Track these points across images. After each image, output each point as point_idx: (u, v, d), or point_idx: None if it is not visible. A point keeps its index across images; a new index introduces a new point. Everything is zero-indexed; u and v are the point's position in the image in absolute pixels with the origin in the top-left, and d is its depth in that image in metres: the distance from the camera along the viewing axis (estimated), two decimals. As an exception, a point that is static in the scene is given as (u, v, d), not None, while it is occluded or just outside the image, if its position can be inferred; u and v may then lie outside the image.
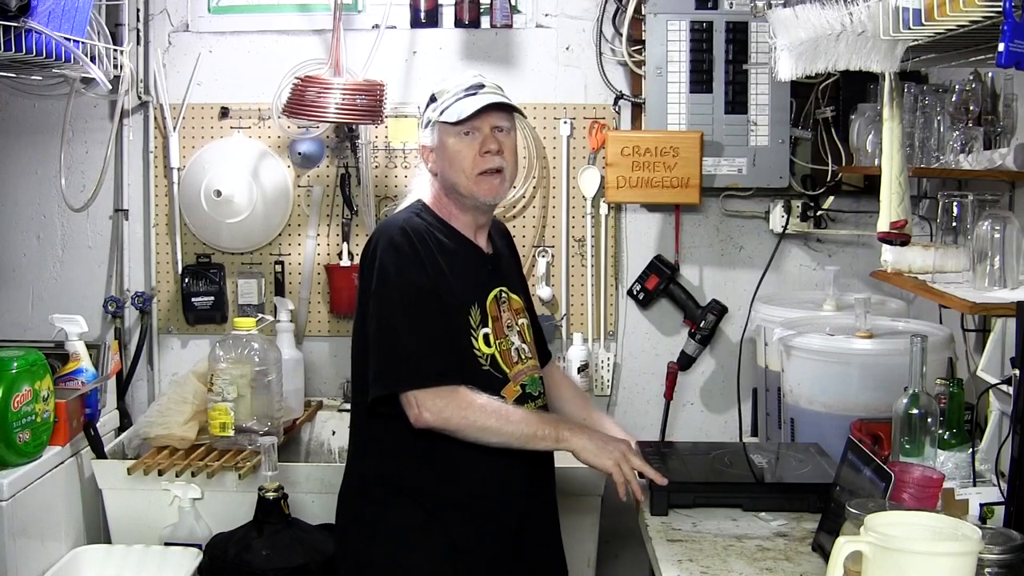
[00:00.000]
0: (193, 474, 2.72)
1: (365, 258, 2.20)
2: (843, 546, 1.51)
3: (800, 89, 3.08)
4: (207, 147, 3.26)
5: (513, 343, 2.25)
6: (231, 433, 2.81)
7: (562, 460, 2.78)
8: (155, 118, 3.28)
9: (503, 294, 2.27)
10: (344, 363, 2.97)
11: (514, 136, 2.26)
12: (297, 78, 2.99)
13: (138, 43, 3.22)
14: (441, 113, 2.20)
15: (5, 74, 2.89)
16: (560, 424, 2.19)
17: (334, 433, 3.22)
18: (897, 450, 2.11)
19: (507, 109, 2.21)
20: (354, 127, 3.20)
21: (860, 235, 3.20)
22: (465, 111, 2.17)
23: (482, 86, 2.22)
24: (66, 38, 2.62)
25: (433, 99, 2.24)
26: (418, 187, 2.33)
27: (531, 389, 2.26)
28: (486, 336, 2.18)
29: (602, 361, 3.29)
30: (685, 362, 3.24)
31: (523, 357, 2.27)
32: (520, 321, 2.30)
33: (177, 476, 2.72)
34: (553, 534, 2.35)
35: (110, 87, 3.01)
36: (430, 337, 2.11)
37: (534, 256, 3.26)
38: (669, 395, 3.23)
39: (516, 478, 2.20)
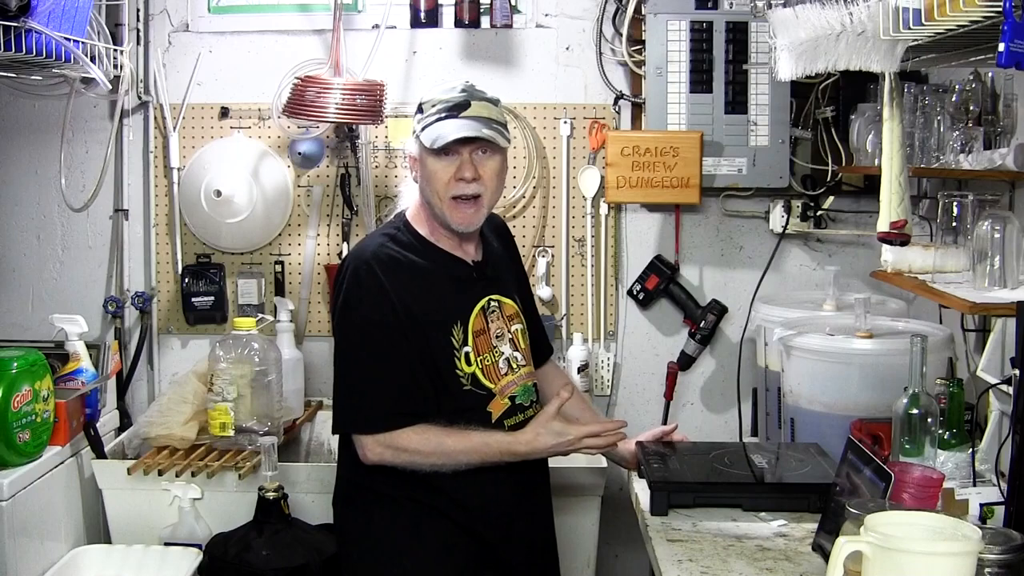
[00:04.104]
0: (193, 474, 2.72)
1: (338, 279, 2.19)
2: (843, 546, 1.51)
3: (800, 89, 3.08)
4: (207, 147, 3.26)
5: (503, 353, 2.21)
6: (231, 433, 2.81)
7: (561, 460, 2.78)
8: (155, 118, 3.28)
9: (492, 303, 2.23)
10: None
11: (499, 157, 2.16)
12: (297, 78, 2.99)
13: (138, 43, 3.22)
14: (422, 130, 2.12)
15: (5, 74, 2.89)
16: (503, 445, 2.14)
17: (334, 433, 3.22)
18: (897, 450, 2.11)
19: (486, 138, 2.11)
20: (354, 127, 3.20)
21: (860, 235, 3.20)
22: (441, 137, 2.07)
23: (468, 104, 2.11)
24: (66, 38, 2.62)
25: (420, 109, 2.17)
26: (406, 194, 2.31)
27: (522, 399, 2.24)
28: (467, 355, 2.16)
29: (602, 361, 3.29)
30: (685, 362, 3.24)
31: (514, 367, 2.23)
32: (514, 327, 2.26)
33: (177, 476, 2.72)
34: (546, 537, 2.33)
35: (110, 87, 3.01)
36: (383, 378, 2.10)
37: (534, 256, 3.26)
38: (669, 395, 3.23)
39: (502, 484, 2.19)
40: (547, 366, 2.51)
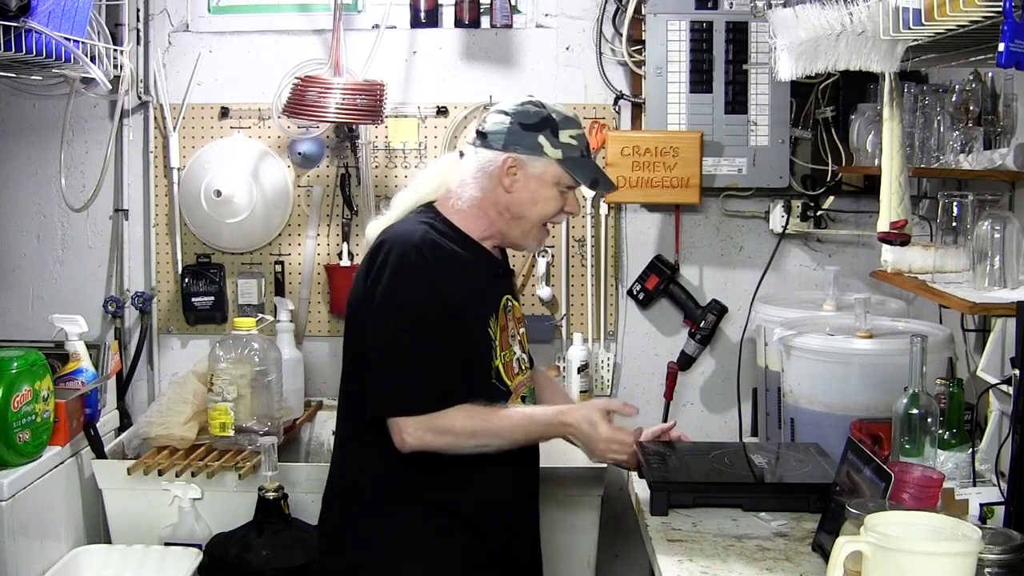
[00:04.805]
0: (193, 474, 2.72)
1: (371, 265, 2.09)
2: (843, 546, 1.51)
3: (800, 89, 3.08)
4: (207, 147, 3.26)
5: (515, 353, 2.21)
6: (231, 433, 2.81)
7: (562, 460, 2.79)
8: (155, 118, 3.28)
9: (509, 302, 2.23)
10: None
11: None
12: (297, 78, 2.99)
13: (138, 43, 3.22)
14: (567, 162, 2.11)
15: (5, 74, 2.89)
16: (547, 415, 2.17)
17: (334, 433, 3.21)
18: (897, 450, 2.11)
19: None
20: (354, 127, 3.20)
21: (860, 235, 3.20)
22: (603, 183, 2.18)
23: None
24: (66, 38, 2.62)
25: (550, 127, 2.11)
26: (427, 181, 2.22)
27: (529, 400, 2.25)
28: (495, 348, 2.15)
29: (602, 361, 3.29)
30: (685, 362, 3.24)
31: (523, 368, 2.23)
32: (521, 330, 2.27)
33: (177, 476, 2.72)
34: (535, 539, 2.33)
35: (110, 87, 3.01)
36: (430, 360, 2.06)
37: (534, 256, 3.26)
38: (669, 395, 3.23)
39: (509, 485, 2.19)
40: (537, 374, 2.49)
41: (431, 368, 2.06)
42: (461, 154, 2.20)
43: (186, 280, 3.28)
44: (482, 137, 2.15)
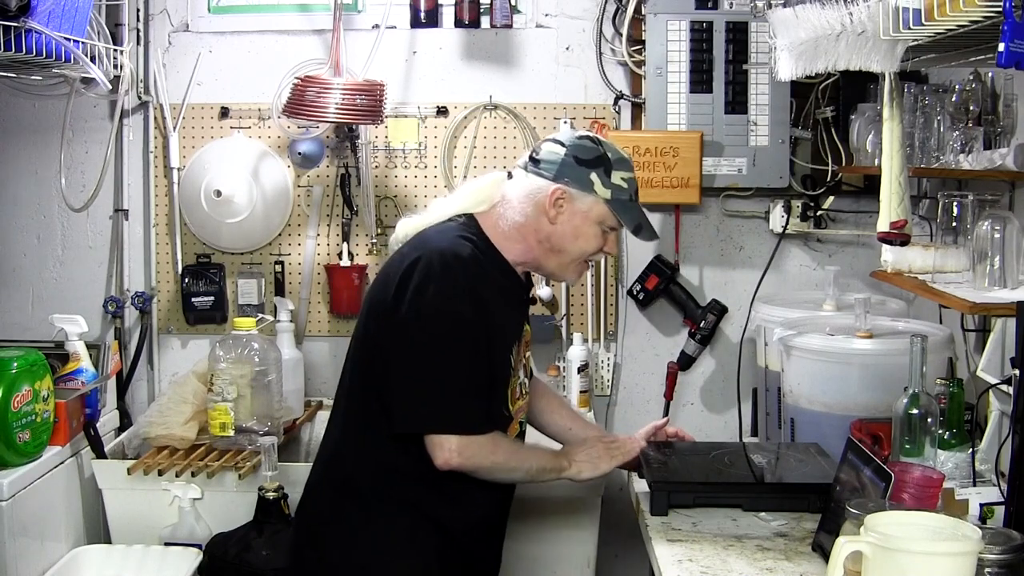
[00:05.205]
0: (193, 474, 2.72)
1: (409, 273, 2.00)
2: (843, 546, 1.51)
3: (800, 89, 3.08)
4: (207, 147, 3.26)
5: (520, 378, 2.19)
6: (231, 433, 2.81)
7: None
8: (155, 118, 3.28)
9: (525, 329, 2.22)
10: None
11: None
12: (297, 78, 2.99)
13: (138, 43, 3.22)
14: (615, 203, 2.10)
15: (5, 74, 2.89)
16: (559, 457, 2.23)
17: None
18: (897, 450, 2.11)
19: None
20: (354, 127, 3.20)
21: (860, 235, 3.20)
22: (645, 230, 2.15)
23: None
24: (66, 38, 2.62)
25: (605, 166, 2.10)
26: (470, 194, 2.17)
27: (525, 426, 2.26)
28: (510, 377, 2.14)
29: (602, 361, 3.29)
30: (685, 362, 3.24)
31: (523, 393, 2.22)
32: (527, 354, 2.25)
33: (177, 476, 2.72)
34: (501, 544, 2.33)
35: (110, 87, 3.01)
36: (473, 377, 2.01)
37: (534, 256, 3.25)
38: (669, 395, 3.23)
39: (496, 505, 2.20)
40: (540, 386, 2.48)
41: (480, 386, 2.03)
42: (510, 174, 2.18)
43: (186, 280, 3.28)
44: (535, 163, 2.13)
